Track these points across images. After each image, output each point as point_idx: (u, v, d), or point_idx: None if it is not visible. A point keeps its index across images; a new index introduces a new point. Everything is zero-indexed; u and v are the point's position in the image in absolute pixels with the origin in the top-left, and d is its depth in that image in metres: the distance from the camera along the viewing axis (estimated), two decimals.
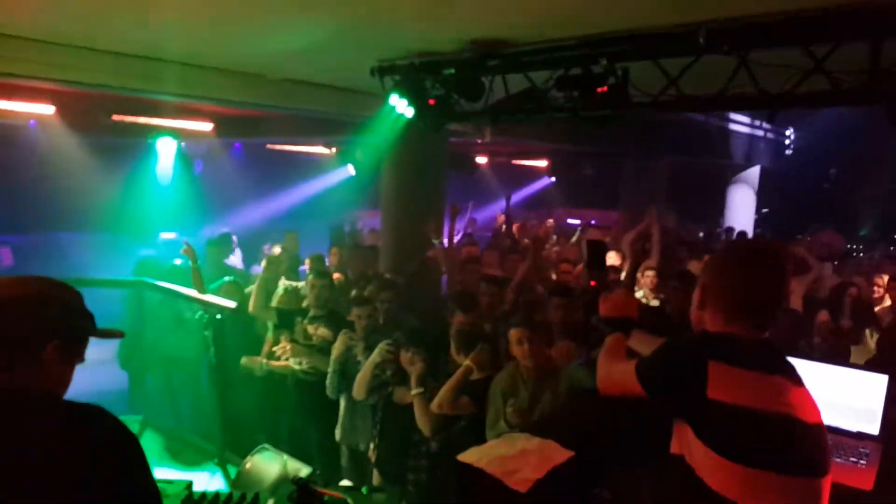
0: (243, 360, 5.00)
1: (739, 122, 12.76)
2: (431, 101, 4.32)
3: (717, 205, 15.00)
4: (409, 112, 4.42)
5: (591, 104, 3.92)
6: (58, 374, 1.50)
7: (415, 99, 4.33)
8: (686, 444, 1.72)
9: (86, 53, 4.76)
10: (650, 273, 6.84)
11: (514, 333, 3.49)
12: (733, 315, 1.79)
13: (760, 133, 13.95)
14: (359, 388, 4.06)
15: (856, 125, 12.86)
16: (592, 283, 2.34)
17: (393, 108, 4.45)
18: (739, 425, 1.63)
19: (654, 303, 6.12)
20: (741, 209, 14.90)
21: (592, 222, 12.08)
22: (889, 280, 5.93)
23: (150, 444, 4.98)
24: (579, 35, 3.95)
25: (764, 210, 15.67)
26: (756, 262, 1.82)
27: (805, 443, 1.67)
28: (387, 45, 4.42)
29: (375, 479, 4.07)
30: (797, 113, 12.54)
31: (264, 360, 4.90)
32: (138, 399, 5.94)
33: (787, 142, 14.47)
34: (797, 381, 1.74)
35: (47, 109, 6.82)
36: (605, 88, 3.91)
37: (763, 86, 3.77)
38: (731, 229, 12.69)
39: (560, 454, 2.40)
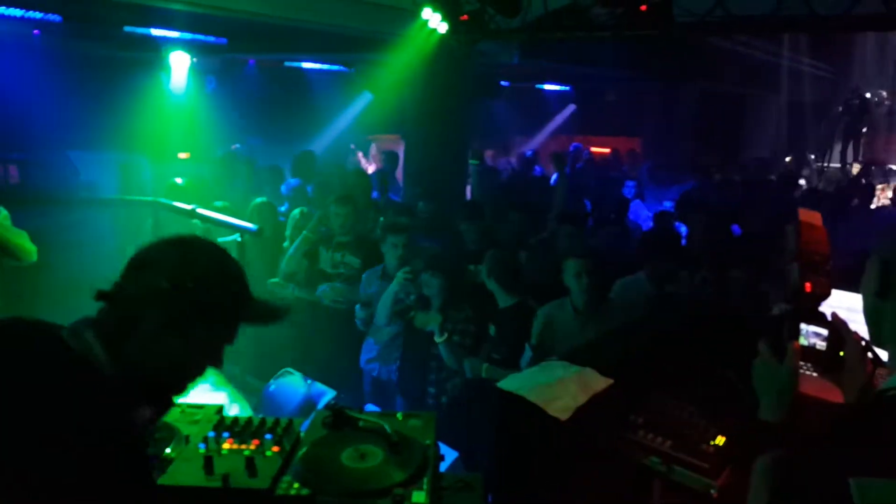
0: (271, 283, 4.90)
1: (772, 52, 12.32)
2: (464, 17, 4.11)
3: (742, 135, 14.69)
4: (443, 28, 4.20)
5: (635, 23, 3.72)
6: None
7: (448, 13, 4.11)
8: None
9: None
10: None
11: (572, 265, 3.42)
12: None
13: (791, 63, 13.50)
14: (380, 315, 4.05)
15: None
16: (808, 285, 1.57)
17: (423, 23, 4.23)
18: None
19: None
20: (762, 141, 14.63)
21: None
22: None
23: None
24: None
25: None
26: None
27: None
28: None
29: (399, 403, 4.11)
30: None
31: (293, 286, 4.79)
32: None
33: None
34: None
35: (54, 18, 6.53)
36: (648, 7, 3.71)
37: (815, 7, 3.57)
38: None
39: (599, 382, 2.38)
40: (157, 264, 1.31)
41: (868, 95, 13.31)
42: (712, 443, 1.94)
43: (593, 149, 12.23)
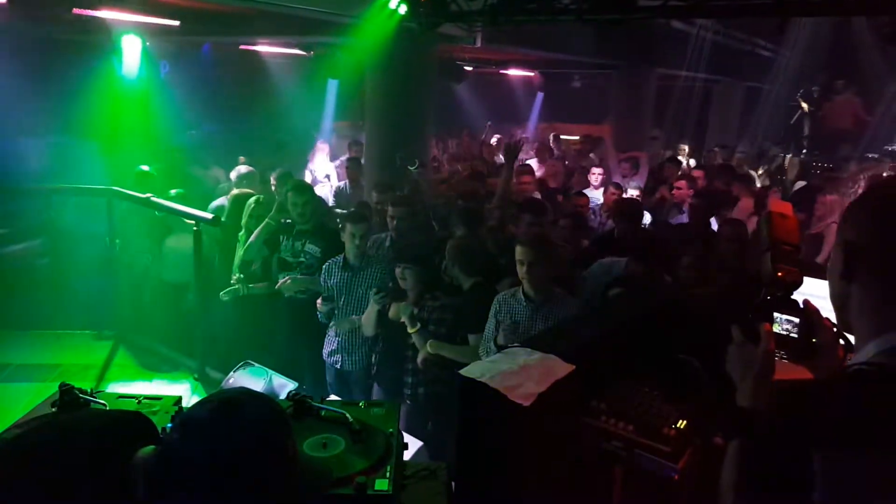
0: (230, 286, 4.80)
1: (734, 37, 12.47)
2: None
3: (705, 121, 14.90)
4: (402, 9, 4.13)
5: (597, 7, 3.70)
6: None
7: None
8: None
9: None
10: (634, 191, 6.85)
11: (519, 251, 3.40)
12: None
13: (750, 48, 13.70)
14: (367, 330, 4.01)
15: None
16: (780, 274, 1.62)
17: (383, 5, 4.15)
18: None
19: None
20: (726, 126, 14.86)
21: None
22: None
23: (122, 358, 4.92)
24: None
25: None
26: None
27: None
28: None
29: (376, 393, 4.07)
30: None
31: (251, 285, 4.70)
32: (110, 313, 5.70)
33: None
34: None
35: None
36: None
37: None
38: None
39: (562, 368, 2.37)
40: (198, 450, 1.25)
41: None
42: (674, 427, 1.95)
43: (562, 136, 12.28)
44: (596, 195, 6.77)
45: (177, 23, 7.71)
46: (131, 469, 1.28)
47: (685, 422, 1.98)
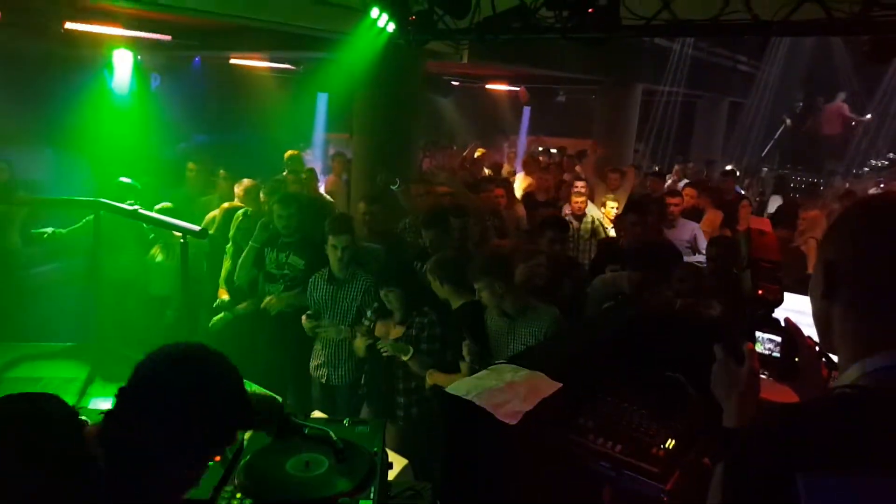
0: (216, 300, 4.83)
1: (719, 55, 12.65)
2: (413, 17, 4.07)
3: (689, 137, 15.04)
4: (390, 27, 4.16)
5: (582, 25, 3.75)
6: None
7: (396, 13, 4.07)
8: None
9: None
10: (613, 204, 6.89)
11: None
12: None
13: (732, 65, 13.90)
14: (357, 349, 4.00)
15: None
16: (761, 292, 1.70)
17: (371, 23, 4.18)
18: None
19: (611, 233, 6.20)
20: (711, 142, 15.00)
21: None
22: None
23: (106, 372, 4.85)
24: None
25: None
26: None
27: None
28: None
29: (364, 412, 4.02)
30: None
31: (237, 307, 4.73)
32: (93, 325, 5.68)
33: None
34: None
35: None
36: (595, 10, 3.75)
37: (757, 12, 3.67)
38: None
39: (548, 386, 2.36)
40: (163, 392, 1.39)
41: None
42: (662, 447, 1.94)
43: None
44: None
45: (168, 37, 7.72)
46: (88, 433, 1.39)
47: (674, 441, 1.97)
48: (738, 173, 10.87)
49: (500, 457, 2.00)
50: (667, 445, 1.93)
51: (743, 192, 9.07)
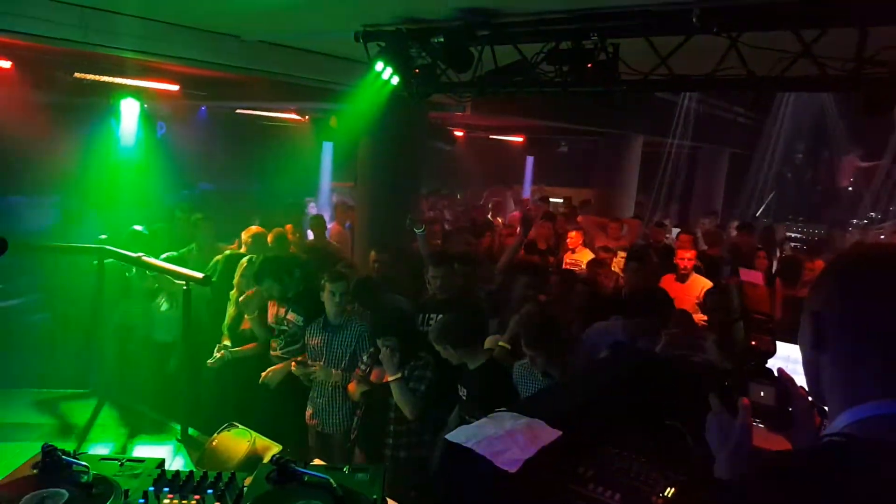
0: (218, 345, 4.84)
1: (716, 106, 12.88)
2: (417, 71, 4.20)
3: (691, 187, 15.17)
4: (395, 80, 4.29)
5: (581, 79, 3.86)
6: None
7: (400, 67, 4.20)
8: None
9: (46, 3, 4.44)
10: (623, 254, 6.92)
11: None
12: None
13: (732, 117, 14.13)
14: (352, 394, 4.03)
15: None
16: (754, 343, 1.69)
17: (376, 76, 4.31)
18: None
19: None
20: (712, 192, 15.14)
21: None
22: None
23: (106, 419, 4.83)
24: (571, 8, 3.88)
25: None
26: None
27: None
28: (373, 9, 4.26)
29: (357, 457, 4.01)
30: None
31: (235, 349, 4.77)
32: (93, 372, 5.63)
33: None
34: None
35: (3, 64, 6.46)
36: (594, 65, 3.86)
37: (752, 68, 3.78)
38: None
39: (548, 434, 2.36)
40: None
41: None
42: (662, 495, 1.93)
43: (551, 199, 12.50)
44: (575, 258, 6.87)
45: (177, 87, 7.92)
46: None
47: (673, 490, 1.96)
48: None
49: None
50: (666, 494, 1.92)
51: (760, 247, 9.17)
